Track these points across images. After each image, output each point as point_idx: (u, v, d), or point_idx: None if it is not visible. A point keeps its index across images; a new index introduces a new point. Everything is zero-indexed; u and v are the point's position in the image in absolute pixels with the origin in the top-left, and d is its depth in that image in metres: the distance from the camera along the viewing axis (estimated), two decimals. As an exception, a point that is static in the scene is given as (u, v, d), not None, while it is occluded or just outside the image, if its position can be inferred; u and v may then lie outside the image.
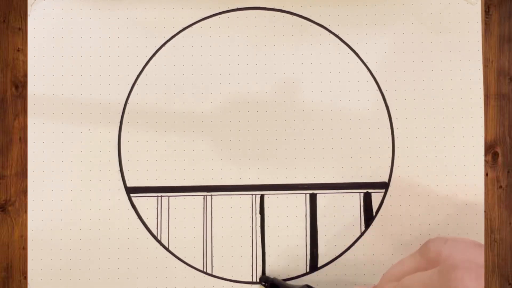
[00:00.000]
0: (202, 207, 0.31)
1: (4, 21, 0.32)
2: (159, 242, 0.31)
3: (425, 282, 0.20)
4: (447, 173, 0.31)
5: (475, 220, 0.31)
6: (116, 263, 0.31)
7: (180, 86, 0.32)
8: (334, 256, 0.31)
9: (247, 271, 0.31)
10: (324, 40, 0.32)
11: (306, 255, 0.31)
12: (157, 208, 0.31)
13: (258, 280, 0.31)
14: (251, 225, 0.31)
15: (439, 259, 0.21)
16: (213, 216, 0.31)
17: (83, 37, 0.32)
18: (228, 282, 0.31)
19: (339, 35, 0.32)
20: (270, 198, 0.31)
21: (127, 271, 0.31)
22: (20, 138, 0.32)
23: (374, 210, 0.31)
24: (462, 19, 0.32)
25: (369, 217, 0.31)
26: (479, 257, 0.20)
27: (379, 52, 0.32)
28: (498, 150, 0.32)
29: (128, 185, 0.31)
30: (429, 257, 0.22)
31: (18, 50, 0.32)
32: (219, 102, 0.32)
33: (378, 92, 0.32)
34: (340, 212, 0.31)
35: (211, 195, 0.31)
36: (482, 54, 0.32)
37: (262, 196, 0.31)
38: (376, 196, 0.31)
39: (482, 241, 0.31)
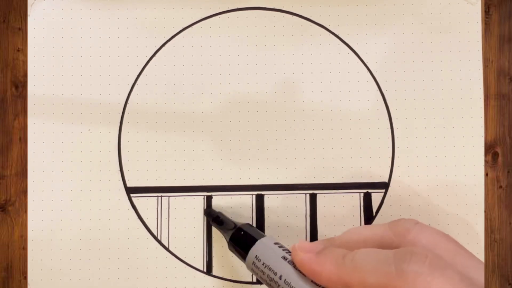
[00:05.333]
0: (202, 207, 0.31)
1: (4, 21, 0.32)
2: (159, 242, 0.31)
3: (378, 260, 0.20)
4: (447, 173, 0.31)
5: (475, 220, 0.31)
6: (116, 263, 0.31)
7: (180, 86, 0.32)
8: (334, 256, 0.31)
9: (247, 271, 0.31)
10: (324, 40, 0.32)
11: (306, 255, 0.31)
12: (157, 208, 0.31)
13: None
14: (251, 225, 0.31)
15: (405, 235, 0.21)
16: (213, 216, 0.31)
17: (83, 37, 0.32)
18: (228, 282, 0.31)
19: (339, 35, 0.32)
20: (270, 198, 0.31)
21: (127, 271, 0.31)
22: (20, 138, 0.32)
23: (374, 210, 0.31)
24: (462, 19, 0.32)
25: (369, 217, 0.31)
26: (443, 246, 0.20)
27: (379, 52, 0.32)
28: (498, 150, 0.32)
29: (128, 185, 0.31)
30: (397, 231, 0.22)
31: (18, 50, 0.32)
32: (219, 102, 0.32)
33: (378, 92, 0.32)
34: (340, 212, 0.31)
35: (211, 195, 0.31)
36: (482, 54, 0.32)
37: (262, 196, 0.31)
38: (376, 196, 0.31)
39: (482, 241, 0.31)
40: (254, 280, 0.31)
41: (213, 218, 0.29)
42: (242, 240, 0.26)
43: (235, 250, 0.27)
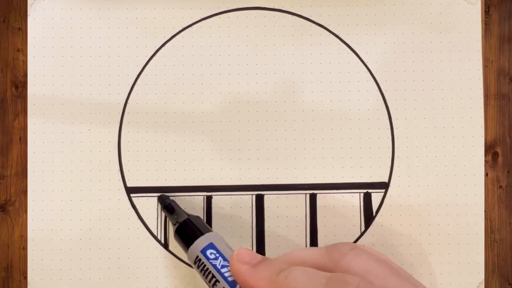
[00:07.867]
0: (202, 207, 0.31)
1: (4, 21, 0.32)
2: (159, 242, 0.31)
3: (311, 283, 0.20)
4: (447, 173, 0.31)
5: (475, 220, 0.31)
6: (116, 263, 0.31)
7: (180, 86, 0.32)
8: (334, 256, 0.31)
9: (247, 271, 0.31)
10: (324, 40, 0.32)
11: (306, 255, 0.31)
12: (157, 208, 0.31)
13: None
14: (251, 225, 0.31)
15: (339, 261, 0.21)
16: (213, 216, 0.31)
17: (83, 37, 0.32)
18: (228, 282, 0.31)
19: (339, 35, 0.32)
20: (270, 198, 0.31)
21: (127, 271, 0.31)
22: (20, 138, 0.32)
23: (374, 210, 0.31)
24: (462, 19, 0.32)
25: (369, 217, 0.31)
26: (375, 272, 0.20)
27: (379, 52, 0.32)
28: (498, 150, 0.32)
29: (128, 185, 0.31)
30: (332, 256, 0.21)
31: (18, 50, 0.32)
32: (219, 102, 0.32)
33: (378, 92, 0.32)
34: (340, 212, 0.31)
35: (211, 195, 0.31)
36: (482, 54, 0.32)
37: (262, 196, 0.31)
38: (376, 196, 0.31)
39: (482, 241, 0.31)
40: (254, 280, 0.31)
41: (164, 205, 0.30)
42: (187, 232, 0.27)
43: (179, 241, 0.28)
